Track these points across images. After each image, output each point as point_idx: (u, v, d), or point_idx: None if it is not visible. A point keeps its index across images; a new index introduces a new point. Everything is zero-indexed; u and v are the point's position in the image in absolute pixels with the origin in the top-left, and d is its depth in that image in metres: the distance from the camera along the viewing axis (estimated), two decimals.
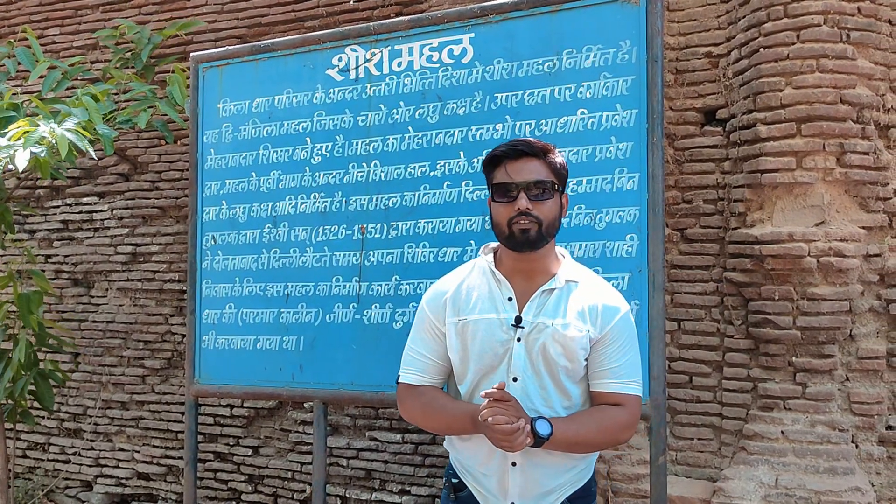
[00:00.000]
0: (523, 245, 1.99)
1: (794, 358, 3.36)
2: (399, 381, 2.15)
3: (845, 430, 3.29)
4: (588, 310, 2.02)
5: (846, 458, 3.24)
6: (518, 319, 1.99)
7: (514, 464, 2.01)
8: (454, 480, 2.16)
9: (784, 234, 3.31)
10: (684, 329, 3.67)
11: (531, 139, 2.09)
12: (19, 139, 3.47)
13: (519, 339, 1.99)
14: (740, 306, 3.54)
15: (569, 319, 1.99)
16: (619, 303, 2.08)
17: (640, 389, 2.08)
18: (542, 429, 1.89)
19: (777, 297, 3.36)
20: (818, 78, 3.31)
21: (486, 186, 2.11)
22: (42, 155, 3.46)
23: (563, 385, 2.01)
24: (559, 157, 2.06)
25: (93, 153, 3.61)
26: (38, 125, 3.49)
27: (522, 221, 1.96)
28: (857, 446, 3.32)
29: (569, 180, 2.19)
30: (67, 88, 4.55)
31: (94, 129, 3.79)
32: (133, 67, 4.61)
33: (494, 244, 2.15)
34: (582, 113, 2.76)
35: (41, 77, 4.49)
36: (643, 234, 2.64)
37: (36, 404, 4.61)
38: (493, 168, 2.05)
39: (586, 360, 2.03)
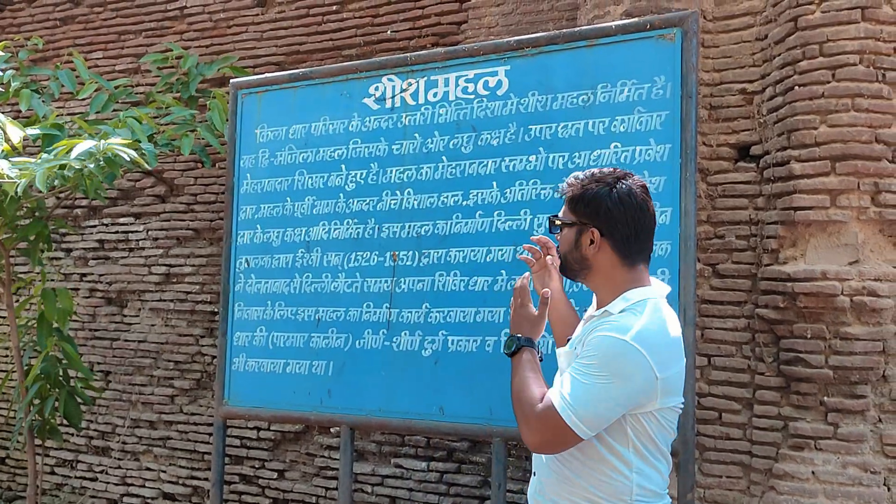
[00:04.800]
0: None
1: (825, 397, 3.32)
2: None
3: (877, 473, 3.24)
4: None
5: (877, 501, 3.18)
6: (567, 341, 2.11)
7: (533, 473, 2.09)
8: None
9: (817, 273, 3.28)
10: (714, 365, 3.64)
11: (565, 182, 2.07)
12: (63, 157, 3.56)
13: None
14: (771, 343, 3.51)
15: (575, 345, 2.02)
16: (617, 329, 1.86)
17: (567, 412, 1.82)
18: (508, 347, 2.05)
19: (809, 336, 3.33)
20: (853, 117, 3.30)
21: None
22: (90, 167, 3.51)
23: None
24: (577, 192, 1.99)
25: (146, 164, 3.67)
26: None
27: None
28: (888, 489, 3.26)
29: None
30: (112, 111, 4.66)
31: (139, 147, 3.86)
32: (176, 92, 4.71)
33: None
34: (615, 147, 2.78)
35: (88, 98, 4.61)
36: (675, 268, 2.64)
37: (65, 421, 4.67)
38: None
39: None
